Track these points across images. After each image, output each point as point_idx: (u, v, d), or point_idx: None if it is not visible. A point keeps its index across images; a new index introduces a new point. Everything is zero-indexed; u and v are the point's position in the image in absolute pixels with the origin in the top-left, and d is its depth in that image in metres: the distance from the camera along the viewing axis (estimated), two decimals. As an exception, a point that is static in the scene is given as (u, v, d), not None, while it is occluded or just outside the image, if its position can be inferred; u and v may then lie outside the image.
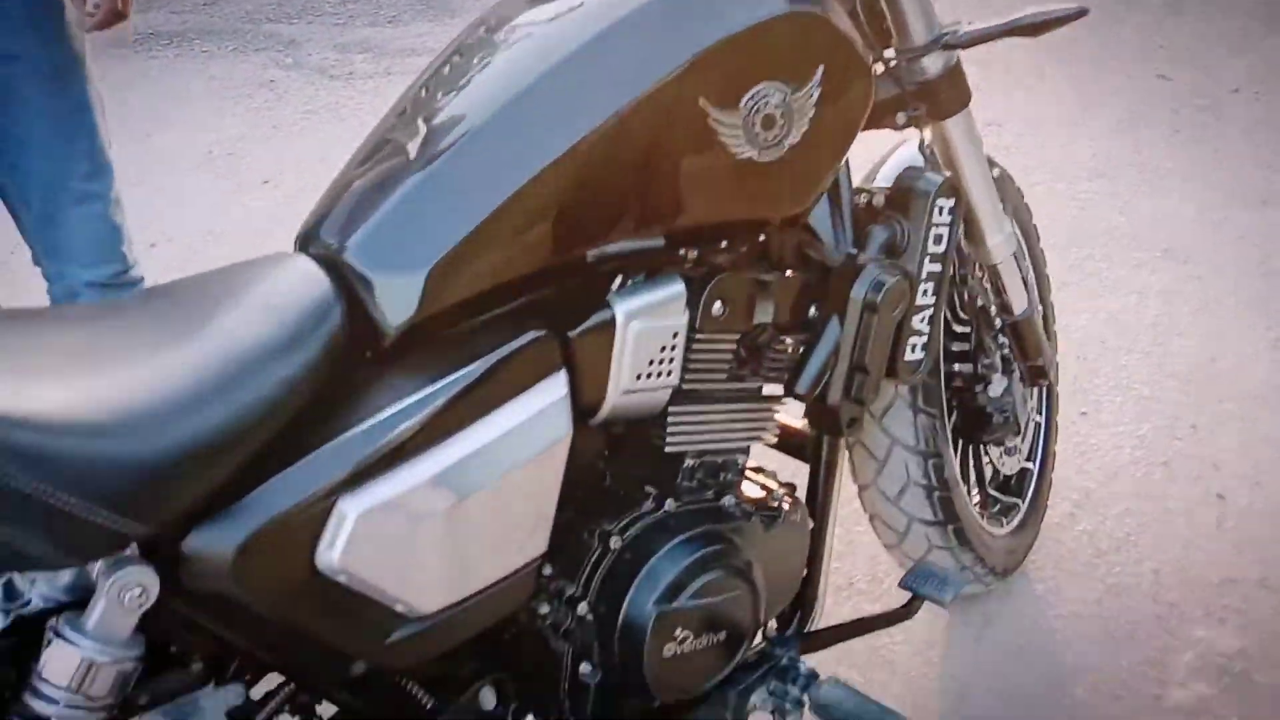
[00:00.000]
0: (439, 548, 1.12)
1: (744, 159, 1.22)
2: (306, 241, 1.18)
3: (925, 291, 1.47)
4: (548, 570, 1.28)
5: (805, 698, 1.42)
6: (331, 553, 1.05)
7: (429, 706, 1.20)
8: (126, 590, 0.93)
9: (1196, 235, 3.34)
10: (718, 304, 1.31)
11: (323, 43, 5.17)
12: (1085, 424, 2.56)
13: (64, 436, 0.87)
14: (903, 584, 1.53)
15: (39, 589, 0.95)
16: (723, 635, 1.34)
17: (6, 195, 1.91)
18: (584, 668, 1.31)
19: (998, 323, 1.85)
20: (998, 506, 2.03)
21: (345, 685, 1.15)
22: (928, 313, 1.49)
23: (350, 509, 1.05)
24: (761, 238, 1.36)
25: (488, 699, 1.24)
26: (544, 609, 1.31)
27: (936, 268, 1.47)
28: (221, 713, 1.09)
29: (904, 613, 1.52)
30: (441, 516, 1.11)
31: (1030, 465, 2.12)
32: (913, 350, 1.49)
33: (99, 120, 1.92)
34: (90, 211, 1.90)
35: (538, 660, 1.31)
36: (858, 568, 2.17)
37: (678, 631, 1.29)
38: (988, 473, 2.02)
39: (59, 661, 0.92)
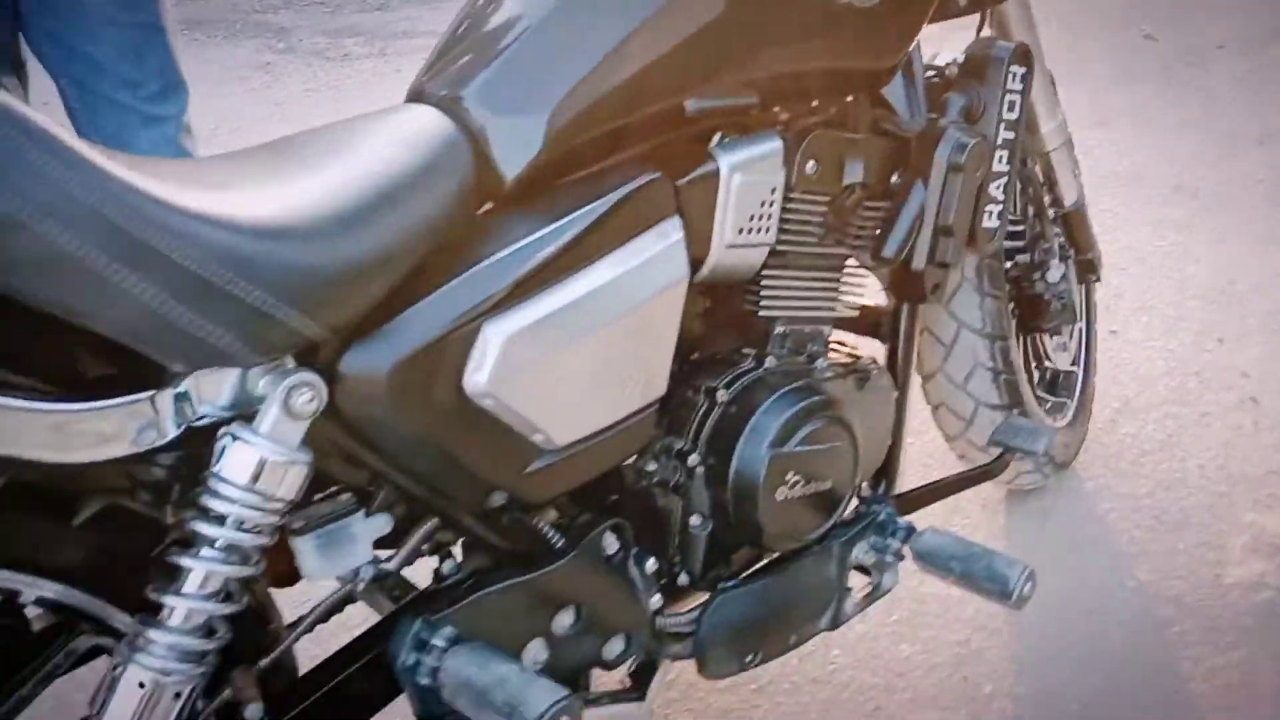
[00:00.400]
0: (573, 379, 1.14)
1: (843, 3, 1.26)
2: (420, 95, 1.20)
3: (1000, 159, 1.52)
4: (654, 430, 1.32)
5: (906, 549, 1.46)
6: (478, 376, 1.07)
7: (557, 546, 1.22)
8: (298, 394, 0.95)
9: (1202, 173, 3.43)
10: (811, 163, 1.35)
11: (313, 29, 5.20)
12: (1116, 341, 2.62)
13: (257, 237, 0.89)
14: (993, 440, 1.57)
15: (207, 405, 0.96)
16: (828, 484, 1.37)
17: (75, 117, 1.91)
18: (694, 520, 1.34)
19: (1051, 213, 1.90)
20: (1049, 404, 2.08)
21: (483, 519, 1.17)
22: (1003, 180, 1.53)
23: (493, 333, 1.07)
24: (849, 98, 1.40)
25: (610, 543, 1.26)
26: (652, 466, 1.34)
27: (1010, 135, 1.52)
28: (370, 541, 1.11)
29: (994, 469, 1.56)
30: (575, 347, 1.13)
31: (1075, 369, 2.17)
32: (989, 217, 1.54)
33: (171, 41, 1.92)
34: (160, 135, 1.90)
35: (650, 516, 1.34)
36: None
37: (789, 476, 1.32)
38: (1038, 372, 2.07)
39: (237, 461, 0.93)
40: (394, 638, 1.11)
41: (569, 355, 1.13)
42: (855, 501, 1.51)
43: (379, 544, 1.11)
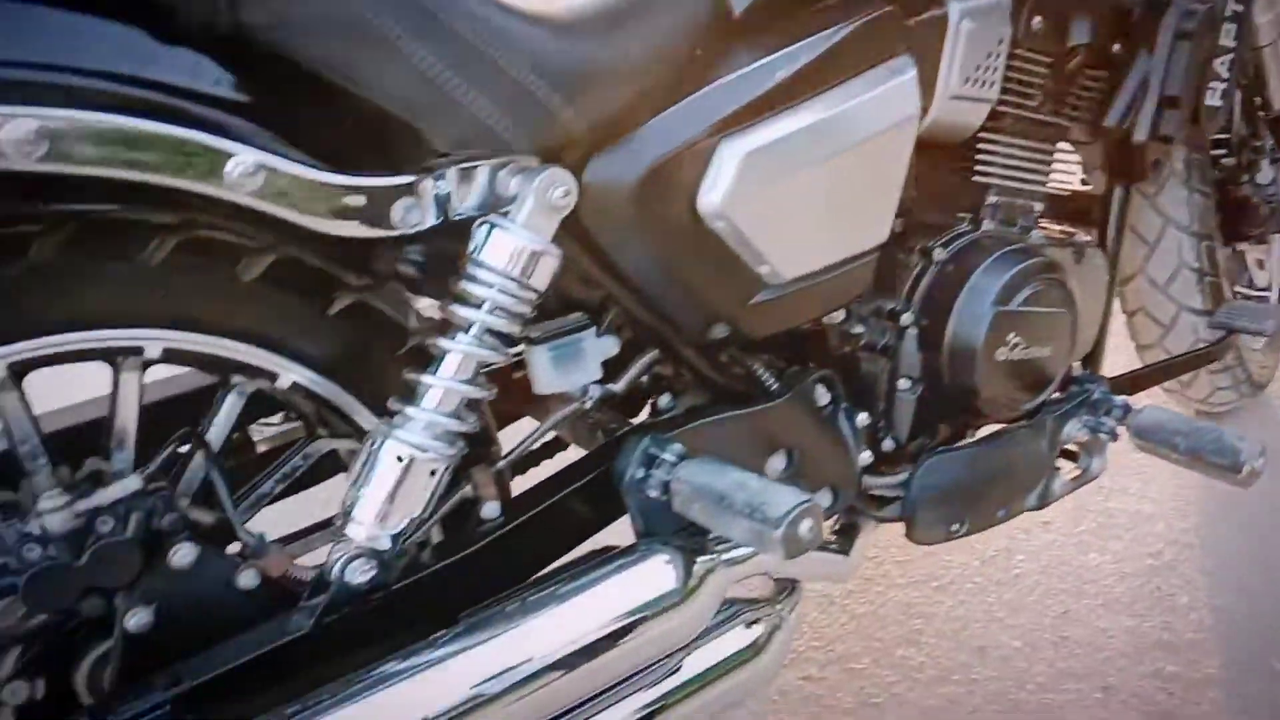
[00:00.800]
0: (802, 210, 1.13)
1: None
2: None
3: (1228, 33, 1.45)
4: (856, 302, 1.30)
5: (1124, 427, 1.41)
6: (712, 195, 1.06)
7: (772, 389, 1.21)
8: (553, 188, 0.96)
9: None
10: (1037, 19, 1.31)
11: None
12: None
13: (538, 24, 0.92)
14: (1213, 323, 1.50)
15: (462, 200, 0.98)
16: (1047, 351, 1.33)
17: None
18: (902, 384, 1.31)
19: (1260, 115, 1.81)
20: (1248, 323, 1.98)
21: (703, 353, 1.17)
22: (1229, 56, 1.46)
23: (730, 152, 1.06)
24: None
25: (821, 394, 1.25)
26: (859, 329, 1.32)
27: (1239, 7, 1.45)
28: (598, 359, 1.12)
29: (1217, 350, 1.49)
30: (806, 174, 1.12)
31: (1270, 292, 2.06)
32: (1213, 95, 1.47)
33: None
34: None
35: (856, 381, 1.32)
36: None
37: (1010, 336, 1.28)
38: (1233, 289, 1.98)
39: (496, 247, 0.95)
40: (621, 455, 1.11)
41: (800, 183, 1.12)
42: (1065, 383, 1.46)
43: (605, 365, 1.12)
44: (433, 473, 0.97)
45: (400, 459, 0.95)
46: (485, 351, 0.97)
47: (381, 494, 0.96)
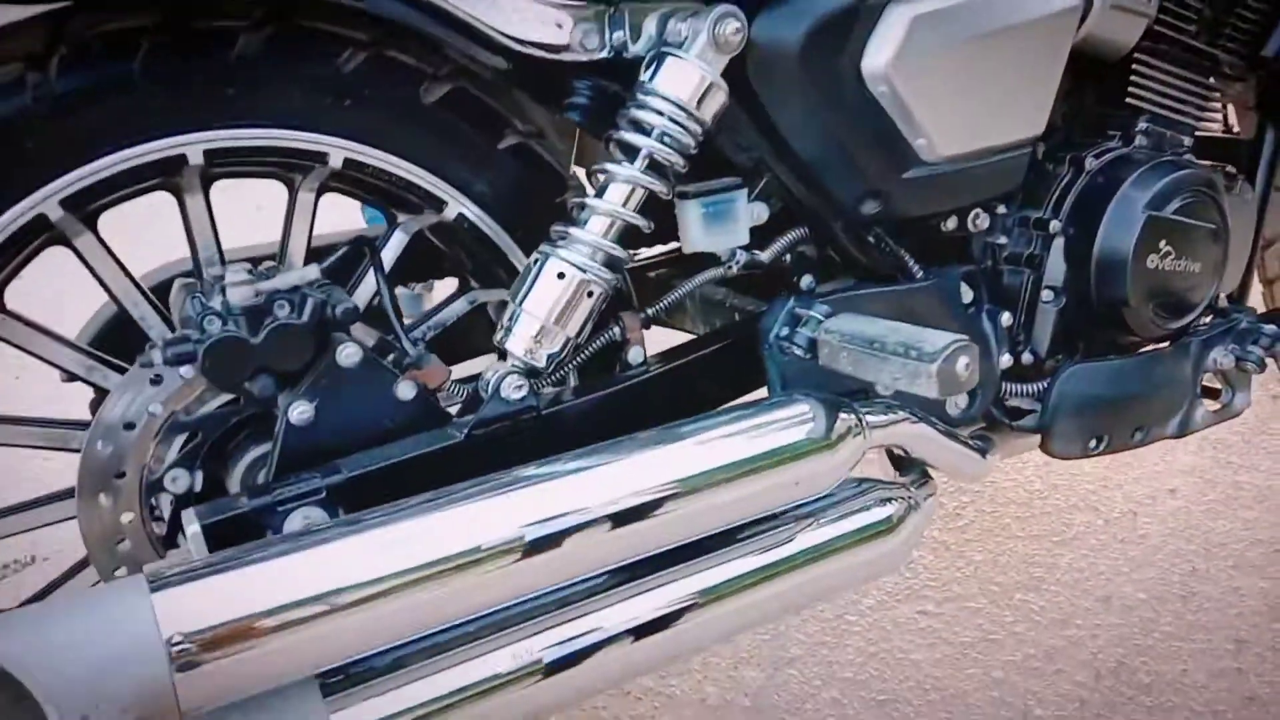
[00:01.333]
0: (963, 86, 1.13)
1: None
2: None
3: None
4: (1002, 209, 1.29)
5: (1271, 357, 1.36)
6: (877, 58, 1.07)
7: (916, 274, 1.21)
8: (725, 24, 0.98)
9: None
10: (1199, -66, 1.30)
11: None
12: None
13: None
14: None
15: (635, 39, 1.01)
16: (1196, 267, 1.30)
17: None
18: (1045, 295, 1.29)
19: None
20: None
21: (852, 230, 1.17)
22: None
23: (898, 14, 1.07)
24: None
25: (965, 291, 1.24)
26: (1002, 239, 1.31)
27: None
28: (748, 223, 1.12)
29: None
30: (970, 49, 1.12)
31: None
32: (1378, 29, 1.44)
33: None
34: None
35: (998, 292, 1.31)
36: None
37: (1161, 244, 1.26)
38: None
39: (669, 76, 0.97)
40: (767, 315, 1.12)
41: (963, 56, 1.12)
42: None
43: (753, 230, 1.13)
44: (590, 294, 0.99)
45: (561, 275, 0.98)
46: (649, 179, 0.99)
47: (541, 310, 0.98)
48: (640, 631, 0.96)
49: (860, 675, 1.43)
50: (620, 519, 0.91)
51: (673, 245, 1.39)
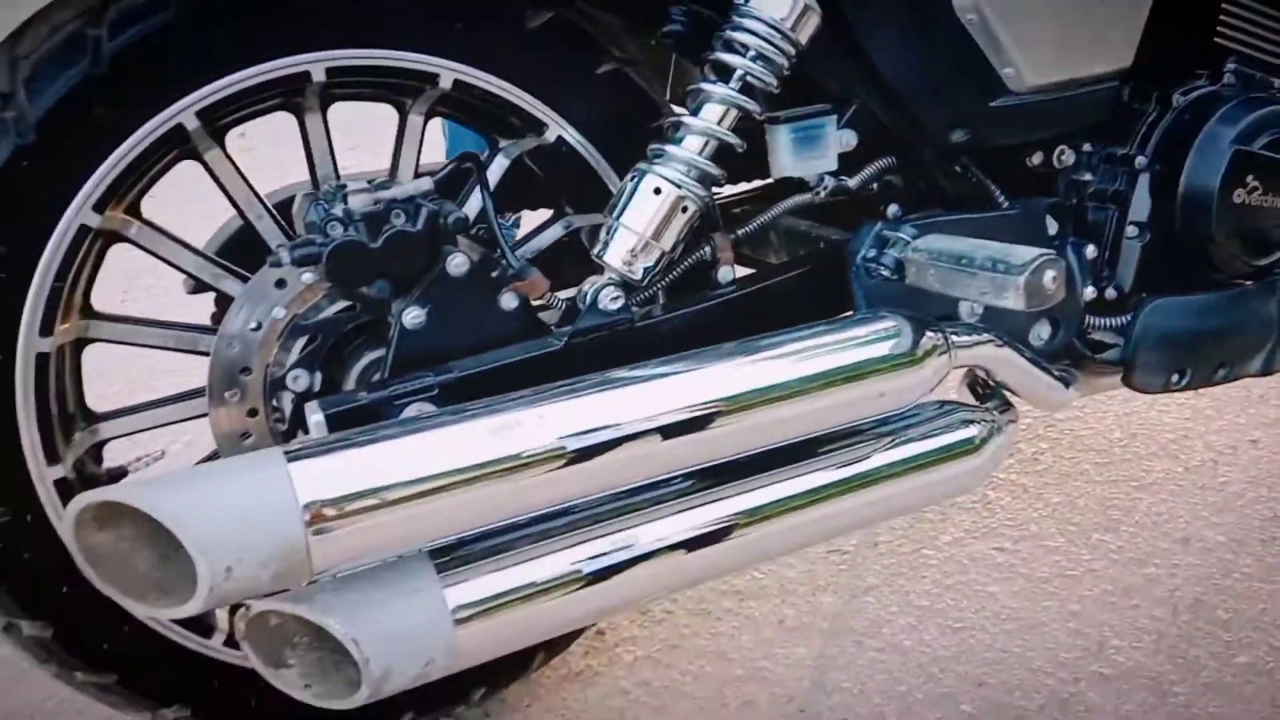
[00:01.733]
0: (1052, 12, 1.15)
1: None
2: None
3: None
4: (1087, 146, 1.30)
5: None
6: (966, -15, 1.10)
7: (1002, 204, 1.23)
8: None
9: None
10: None
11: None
12: None
13: None
14: None
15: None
16: (1283, 203, 1.31)
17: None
18: (1130, 231, 1.31)
19: None
20: None
21: (939, 159, 1.20)
22: None
23: (986, -58, 1.10)
24: None
25: (1050, 224, 1.26)
26: (1087, 176, 1.32)
27: None
28: (836, 150, 1.15)
29: None
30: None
31: None
32: None
33: None
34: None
35: (1082, 229, 1.32)
36: None
37: (1249, 179, 1.26)
38: None
39: (770, -1, 1.02)
40: (855, 239, 1.15)
41: (1050, -14, 1.15)
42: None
43: (841, 157, 1.16)
44: (685, 209, 1.03)
45: (658, 191, 1.02)
46: (743, 99, 1.03)
47: (638, 223, 1.03)
48: (722, 534, 1.01)
49: (937, 604, 1.46)
50: (711, 420, 0.96)
51: (755, 184, 1.42)
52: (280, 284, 1.03)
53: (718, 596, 1.50)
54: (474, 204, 1.11)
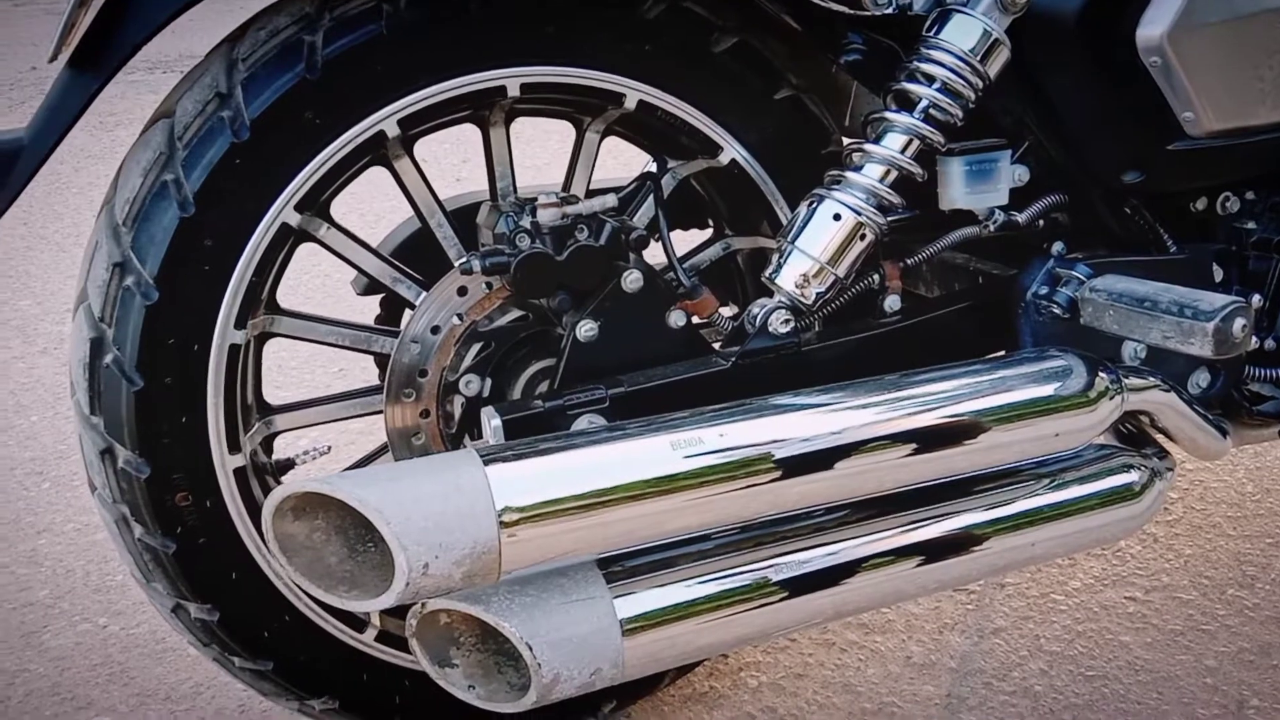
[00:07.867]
0: (1236, 60, 1.13)
1: None
2: None
3: None
4: (1250, 194, 1.28)
5: None
6: (1153, 27, 1.09)
7: (1169, 249, 1.21)
8: (1014, -13, 1.02)
9: None
10: None
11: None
12: None
13: None
14: None
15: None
16: None
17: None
18: None
19: None
20: None
21: (1108, 200, 1.19)
22: None
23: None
24: None
25: (1216, 271, 1.24)
26: (1250, 224, 1.28)
27: None
28: (1008, 184, 1.15)
29: None
30: (1246, 24, 1.12)
31: None
32: None
33: None
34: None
35: (1246, 273, 1.30)
36: None
37: None
38: None
39: (955, 29, 1.01)
40: (1025, 274, 1.15)
41: (1237, 31, 1.12)
42: None
43: (1012, 190, 1.15)
44: (863, 236, 1.03)
45: (837, 217, 1.03)
46: (927, 129, 1.03)
47: (814, 248, 1.03)
48: (889, 565, 1.01)
49: (1068, 651, 1.44)
50: (889, 450, 0.96)
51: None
52: (462, 291, 1.06)
53: (842, 628, 1.48)
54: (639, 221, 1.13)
